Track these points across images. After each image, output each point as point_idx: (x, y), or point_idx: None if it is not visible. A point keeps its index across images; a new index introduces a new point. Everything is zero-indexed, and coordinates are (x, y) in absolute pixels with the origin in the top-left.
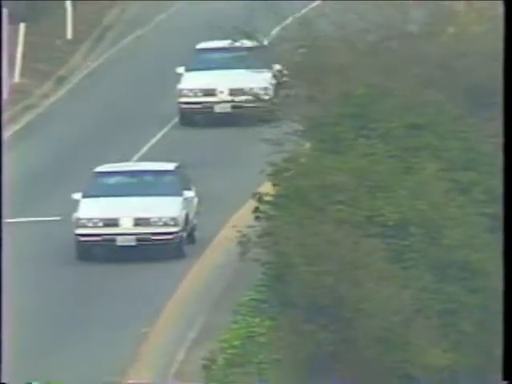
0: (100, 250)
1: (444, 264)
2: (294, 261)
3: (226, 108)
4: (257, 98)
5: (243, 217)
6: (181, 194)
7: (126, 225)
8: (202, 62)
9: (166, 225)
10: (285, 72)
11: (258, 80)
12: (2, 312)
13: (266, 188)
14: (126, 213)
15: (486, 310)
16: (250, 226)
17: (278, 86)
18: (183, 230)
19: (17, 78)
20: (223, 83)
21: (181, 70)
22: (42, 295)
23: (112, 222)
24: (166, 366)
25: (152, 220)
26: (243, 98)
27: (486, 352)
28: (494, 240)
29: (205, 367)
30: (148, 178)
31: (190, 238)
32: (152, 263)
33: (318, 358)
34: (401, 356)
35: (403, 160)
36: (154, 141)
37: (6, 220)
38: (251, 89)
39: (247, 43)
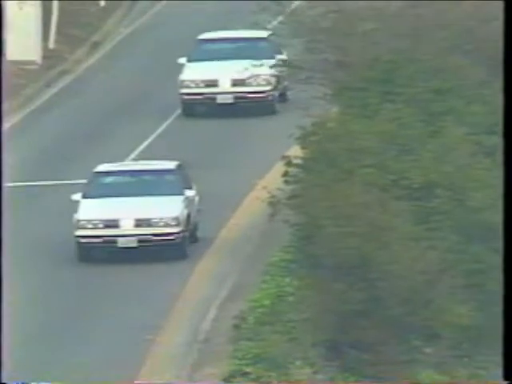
0: (100, 252)
1: (469, 225)
2: (323, 222)
3: (228, 99)
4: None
5: (273, 180)
6: (182, 193)
7: (127, 226)
8: (204, 52)
9: (167, 225)
10: (313, 38)
11: (261, 70)
12: (2, 312)
13: (295, 151)
14: (127, 214)
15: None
16: (279, 189)
17: (307, 50)
18: (185, 229)
19: (52, 44)
20: (225, 74)
21: (183, 60)
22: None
23: (113, 224)
24: (198, 324)
25: (153, 220)
26: (245, 89)
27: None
28: None
29: (235, 326)
30: (148, 177)
31: (193, 237)
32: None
33: (345, 317)
34: (426, 314)
35: (429, 124)
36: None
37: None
38: (254, 79)
39: (249, 34)
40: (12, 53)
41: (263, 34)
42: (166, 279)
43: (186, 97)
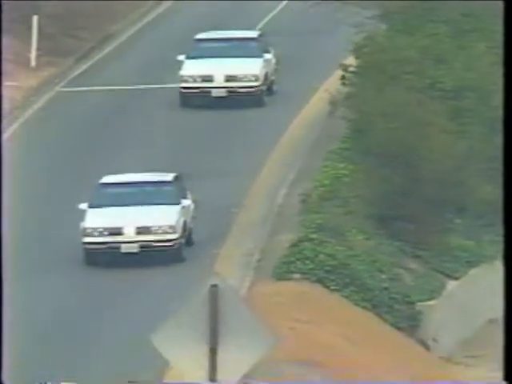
0: (105, 257)
1: (492, 120)
2: (373, 118)
3: (222, 92)
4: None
5: (332, 85)
6: (179, 203)
7: (130, 233)
8: (201, 50)
9: (165, 232)
10: None
11: (251, 67)
12: (3, 311)
13: (350, 61)
14: (129, 222)
15: None
16: (337, 90)
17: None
18: (181, 236)
19: None
20: (219, 70)
21: (182, 57)
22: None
23: (116, 231)
24: (273, 200)
25: (153, 228)
26: (237, 83)
27: None
28: None
29: (302, 201)
30: (148, 188)
31: (188, 242)
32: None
33: (390, 194)
34: (457, 192)
35: (459, 39)
36: None
37: None
38: (244, 75)
39: (241, 34)
40: None
41: (253, 34)
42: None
43: (184, 90)
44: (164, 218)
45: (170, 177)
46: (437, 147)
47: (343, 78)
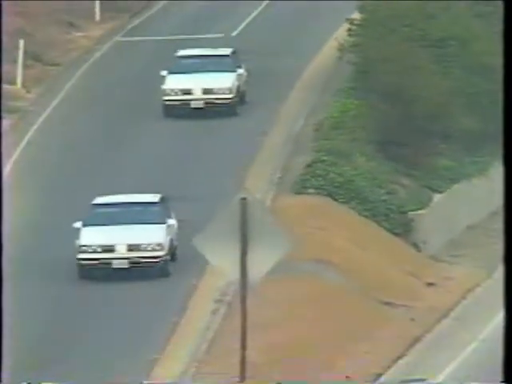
0: (98, 272)
1: (472, 64)
2: (375, 62)
3: (200, 104)
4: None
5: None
6: (165, 222)
7: (121, 250)
8: (181, 66)
9: (154, 250)
10: None
11: (225, 81)
12: (3, 311)
13: (355, 16)
14: (121, 240)
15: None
16: (345, 40)
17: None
18: (168, 253)
19: None
20: (197, 84)
21: (164, 73)
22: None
23: (109, 248)
24: (291, 129)
25: (142, 246)
26: (213, 96)
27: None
28: None
29: (315, 130)
30: (137, 208)
31: (173, 258)
32: None
33: (388, 125)
34: (443, 122)
35: None
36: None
37: None
38: (219, 88)
39: (216, 52)
40: None
41: (227, 51)
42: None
43: (166, 102)
44: (153, 237)
45: (156, 198)
46: (426, 86)
47: (349, 29)
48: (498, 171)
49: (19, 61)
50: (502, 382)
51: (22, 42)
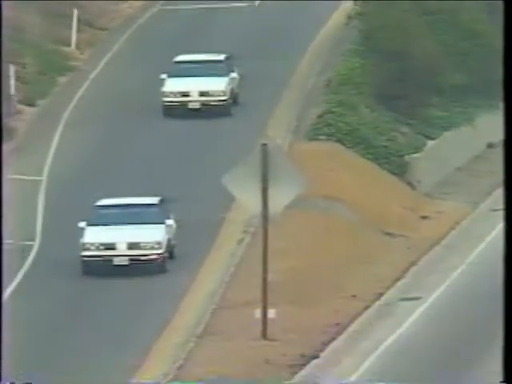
0: (99, 268)
1: (460, 29)
2: (377, 29)
3: (196, 105)
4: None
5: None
6: (163, 222)
7: (122, 248)
8: (180, 70)
9: (152, 248)
10: None
11: (219, 84)
12: (3, 311)
13: None
14: (122, 238)
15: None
16: (352, 8)
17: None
18: (166, 251)
19: None
20: (194, 87)
21: (164, 76)
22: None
23: (110, 246)
24: (304, 85)
25: (142, 244)
26: (209, 98)
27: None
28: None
29: (326, 85)
30: (138, 209)
31: (171, 256)
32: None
33: (389, 80)
34: (436, 79)
35: None
36: None
37: None
38: (214, 91)
39: (211, 57)
40: None
41: (221, 57)
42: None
43: (166, 103)
44: (151, 235)
45: (155, 200)
46: (422, 49)
47: (356, 2)
48: (482, 120)
49: (73, 27)
50: (502, 382)
51: (75, 11)
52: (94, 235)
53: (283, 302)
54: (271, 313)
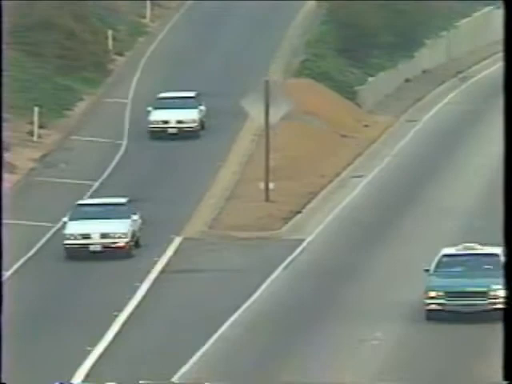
0: (78, 254)
1: (397, 8)
2: (340, 7)
3: (174, 131)
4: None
5: None
6: (130, 218)
7: (96, 238)
8: (161, 104)
9: (120, 237)
10: None
11: (192, 115)
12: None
13: None
14: (96, 230)
15: None
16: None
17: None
18: (131, 241)
19: None
20: (173, 117)
21: (150, 108)
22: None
23: (87, 236)
24: (291, 44)
25: (111, 234)
26: (183, 125)
27: None
28: None
29: (305, 43)
30: (109, 207)
31: (136, 245)
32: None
33: (347, 43)
34: (377, 38)
35: None
36: None
37: None
38: (187, 120)
39: (185, 94)
40: None
41: (192, 93)
42: None
43: (152, 130)
44: (119, 228)
45: (124, 200)
46: (369, 20)
47: None
48: (403, 65)
49: (147, 6)
50: (503, 381)
51: None
52: (74, 228)
53: (278, 178)
54: (271, 185)
